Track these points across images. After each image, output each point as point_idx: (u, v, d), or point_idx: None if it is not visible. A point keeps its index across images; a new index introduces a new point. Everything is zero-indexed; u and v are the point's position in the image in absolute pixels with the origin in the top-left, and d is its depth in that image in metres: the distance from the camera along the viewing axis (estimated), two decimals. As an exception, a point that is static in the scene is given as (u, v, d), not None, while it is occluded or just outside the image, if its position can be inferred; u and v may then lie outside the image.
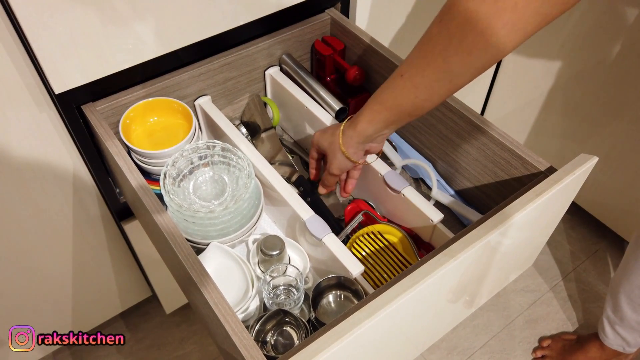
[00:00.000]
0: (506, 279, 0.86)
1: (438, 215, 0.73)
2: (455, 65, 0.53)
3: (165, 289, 1.18)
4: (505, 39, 0.49)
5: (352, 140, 0.69)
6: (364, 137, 0.68)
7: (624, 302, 1.07)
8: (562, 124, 1.34)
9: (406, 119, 0.63)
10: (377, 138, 0.68)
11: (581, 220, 1.55)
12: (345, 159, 0.71)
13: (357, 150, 0.70)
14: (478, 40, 0.50)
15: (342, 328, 0.49)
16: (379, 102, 0.64)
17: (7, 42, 0.67)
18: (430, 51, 0.54)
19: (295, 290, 0.70)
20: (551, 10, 0.47)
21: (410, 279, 0.53)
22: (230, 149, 0.76)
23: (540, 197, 0.61)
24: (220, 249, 0.73)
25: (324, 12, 0.96)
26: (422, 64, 0.56)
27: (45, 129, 0.78)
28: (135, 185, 0.69)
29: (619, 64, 1.13)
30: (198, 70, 0.84)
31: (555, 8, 0.47)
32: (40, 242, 0.94)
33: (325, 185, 0.78)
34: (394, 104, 0.61)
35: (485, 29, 0.49)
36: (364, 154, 0.72)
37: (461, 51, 0.51)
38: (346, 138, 0.69)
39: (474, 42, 0.50)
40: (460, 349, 1.32)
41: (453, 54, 0.52)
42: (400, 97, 0.60)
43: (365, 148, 0.71)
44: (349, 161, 0.72)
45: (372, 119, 0.65)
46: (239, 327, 0.55)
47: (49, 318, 1.10)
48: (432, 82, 0.56)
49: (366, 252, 0.78)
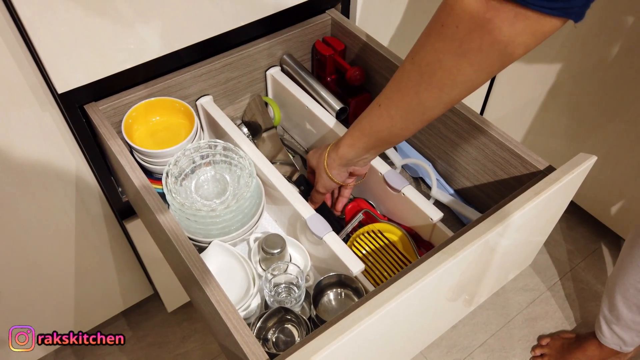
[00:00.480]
0: (505, 277, 0.87)
1: (438, 214, 0.74)
2: (427, 100, 0.56)
3: (167, 288, 1.19)
4: (473, 76, 0.52)
5: (335, 162, 0.72)
6: (345, 161, 0.71)
7: (620, 301, 1.07)
8: (561, 123, 1.34)
9: (385, 145, 0.67)
10: (358, 162, 0.72)
11: (580, 220, 1.56)
12: (329, 179, 0.75)
13: (339, 172, 0.74)
14: (446, 78, 0.53)
15: (343, 325, 0.49)
16: (358, 129, 0.67)
17: (10, 41, 0.67)
18: (405, 85, 0.57)
19: (296, 288, 0.71)
20: (515, 50, 0.48)
21: (410, 277, 0.53)
22: (232, 148, 0.77)
23: (539, 196, 0.62)
24: (222, 247, 0.74)
25: (324, 12, 0.97)
26: (397, 96, 0.59)
27: (47, 128, 0.79)
28: (137, 184, 0.69)
29: (618, 64, 1.13)
30: (200, 70, 0.85)
31: (519, 49, 0.48)
32: (43, 240, 0.94)
33: (312, 201, 0.81)
34: (372, 131, 0.65)
35: (453, 68, 0.51)
36: (348, 175, 0.76)
37: (432, 87, 0.54)
38: (330, 160, 0.73)
39: (442, 80, 0.53)
40: (460, 347, 1.32)
41: (424, 89, 0.55)
42: (377, 125, 0.64)
43: (348, 170, 0.74)
44: (332, 182, 0.75)
45: (352, 144, 0.69)
46: (241, 325, 0.55)
47: (51, 316, 1.10)
48: (406, 113, 0.59)
49: (366, 251, 0.78)
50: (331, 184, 0.76)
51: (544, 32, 0.47)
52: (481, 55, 0.49)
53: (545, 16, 0.45)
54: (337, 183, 0.75)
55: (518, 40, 0.47)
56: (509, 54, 0.49)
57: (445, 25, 0.50)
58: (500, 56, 0.49)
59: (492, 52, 0.49)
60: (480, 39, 0.48)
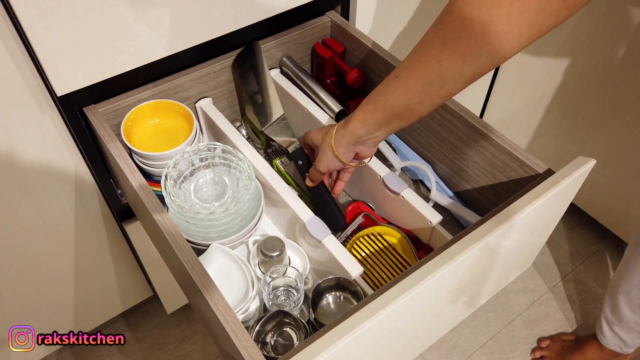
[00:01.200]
0: (505, 279, 0.87)
1: (437, 217, 0.74)
2: (448, 71, 0.53)
3: (166, 289, 1.19)
4: (498, 46, 0.49)
5: (343, 139, 0.69)
6: (355, 137, 0.68)
7: (623, 302, 1.07)
8: (562, 126, 1.34)
9: (398, 121, 0.63)
10: (367, 141, 0.68)
11: (580, 222, 1.55)
12: (334, 158, 0.71)
13: (346, 151, 0.70)
14: (471, 47, 0.50)
15: (342, 329, 0.49)
16: (372, 102, 0.64)
17: (9, 44, 0.67)
18: (425, 55, 0.54)
19: (295, 291, 0.71)
20: (545, 20, 0.47)
21: (409, 280, 0.53)
22: (231, 150, 0.77)
23: (538, 200, 0.62)
24: (220, 250, 0.74)
25: (324, 15, 0.97)
26: (417, 66, 0.56)
27: (47, 131, 0.79)
28: (136, 186, 0.69)
29: (619, 66, 1.13)
30: (199, 73, 0.85)
31: (549, 19, 0.47)
32: (42, 242, 0.94)
33: (311, 179, 0.78)
34: (387, 105, 0.61)
35: (479, 36, 0.49)
36: (353, 156, 0.72)
37: (455, 56, 0.52)
38: (338, 136, 0.69)
39: (467, 48, 0.50)
40: (460, 349, 1.32)
41: (447, 58, 0.52)
42: (392, 98, 0.60)
43: (355, 150, 0.70)
44: (337, 160, 0.71)
45: (364, 119, 0.65)
46: (239, 328, 0.55)
47: (50, 318, 1.10)
48: (424, 85, 0.56)
49: (365, 254, 0.78)
50: (335, 163, 0.72)
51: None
52: (510, 23, 0.47)
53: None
54: (341, 162, 0.71)
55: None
56: (540, 22, 0.47)
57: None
58: (531, 24, 0.47)
59: (522, 19, 0.47)
60: (510, 4, 0.46)
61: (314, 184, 0.78)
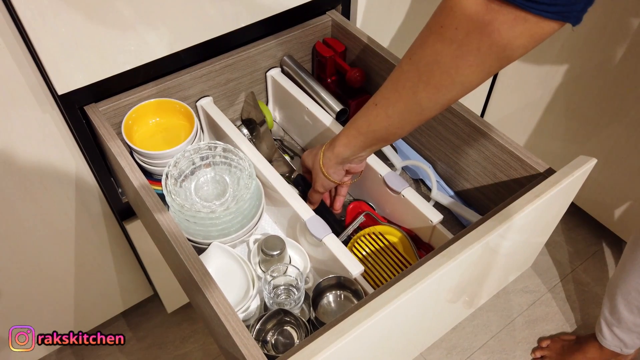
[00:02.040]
0: (505, 279, 0.87)
1: (437, 216, 0.74)
2: (424, 100, 0.56)
3: (167, 288, 1.19)
4: (470, 77, 0.52)
5: (331, 161, 0.72)
6: (341, 159, 0.71)
7: (621, 304, 1.07)
8: (562, 125, 1.34)
9: (381, 143, 0.67)
10: (354, 160, 0.72)
11: (581, 222, 1.55)
12: (326, 179, 0.75)
13: (336, 171, 0.74)
14: (444, 79, 0.53)
15: (342, 328, 0.49)
16: (354, 127, 0.67)
17: (10, 43, 0.67)
18: (402, 85, 0.57)
19: (295, 290, 0.71)
20: (513, 52, 0.49)
21: (409, 279, 0.53)
22: (232, 149, 0.77)
23: (539, 199, 0.62)
24: (221, 249, 0.74)
25: (325, 14, 0.97)
26: (394, 96, 0.59)
27: (48, 129, 0.79)
28: (137, 185, 0.69)
29: (619, 66, 1.13)
30: (200, 72, 0.85)
31: (517, 51, 0.49)
32: (43, 241, 0.94)
33: (310, 201, 0.81)
34: (368, 130, 0.65)
35: (451, 69, 0.51)
36: (344, 174, 0.76)
37: (429, 88, 0.54)
38: (325, 159, 0.73)
39: (440, 80, 0.53)
40: (460, 349, 1.32)
41: (422, 89, 0.55)
42: (374, 124, 0.64)
43: (344, 168, 0.74)
44: (329, 181, 0.75)
45: (348, 143, 0.69)
46: (240, 327, 0.55)
47: (50, 317, 1.10)
48: (403, 113, 0.59)
49: (366, 252, 0.78)
50: (328, 183, 0.76)
51: (542, 35, 0.47)
52: (480, 56, 0.49)
53: (544, 19, 0.45)
54: (334, 182, 0.75)
55: (517, 42, 0.47)
56: (507, 56, 0.49)
57: (444, 26, 0.50)
58: (498, 58, 0.49)
59: (491, 54, 0.49)
60: (479, 40, 0.48)
61: (314, 205, 0.81)
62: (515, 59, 0.50)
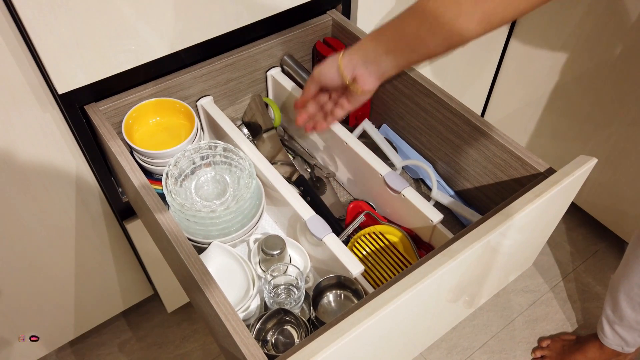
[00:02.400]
0: (506, 279, 0.87)
1: (438, 216, 0.74)
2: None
3: (167, 288, 1.19)
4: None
5: (352, 49, 0.67)
6: (362, 52, 0.66)
7: (624, 301, 1.07)
8: (562, 125, 1.34)
9: (406, 52, 0.62)
10: (371, 64, 0.65)
11: (581, 221, 1.55)
12: (333, 65, 0.68)
13: (349, 62, 0.67)
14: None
15: (342, 327, 0.49)
16: (389, 22, 0.63)
17: (10, 42, 0.67)
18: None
19: (295, 290, 0.71)
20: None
21: (409, 278, 0.53)
22: (232, 149, 0.77)
23: (539, 198, 0.61)
24: (221, 248, 0.74)
25: (325, 13, 0.97)
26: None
27: (48, 129, 0.79)
28: (137, 184, 0.69)
29: (620, 66, 1.13)
30: (200, 71, 0.85)
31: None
32: (43, 241, 0.94)
33: (302, 94, 0.74)
34: (400, 26, 0.61)
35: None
36: (352, 76, 0.67)
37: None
38: (349, 48, 0.67)
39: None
40: (460, 349, 1.32)
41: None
42: (406, 18, 0.60)
43: (357, 69, 0.67)
44: (335, 70, 0.68)
45: (376, 36, 0.64)
46: (240, 326, 0.55)
47: (51, 316, 1.10)
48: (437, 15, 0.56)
49: (366, 252, 0.78)
50: (331, 72, 0.68)
51: None
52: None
53: None
54: (339, 71, 0.67)
55: None
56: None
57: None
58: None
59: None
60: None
61: (304, 97, 0.74)
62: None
